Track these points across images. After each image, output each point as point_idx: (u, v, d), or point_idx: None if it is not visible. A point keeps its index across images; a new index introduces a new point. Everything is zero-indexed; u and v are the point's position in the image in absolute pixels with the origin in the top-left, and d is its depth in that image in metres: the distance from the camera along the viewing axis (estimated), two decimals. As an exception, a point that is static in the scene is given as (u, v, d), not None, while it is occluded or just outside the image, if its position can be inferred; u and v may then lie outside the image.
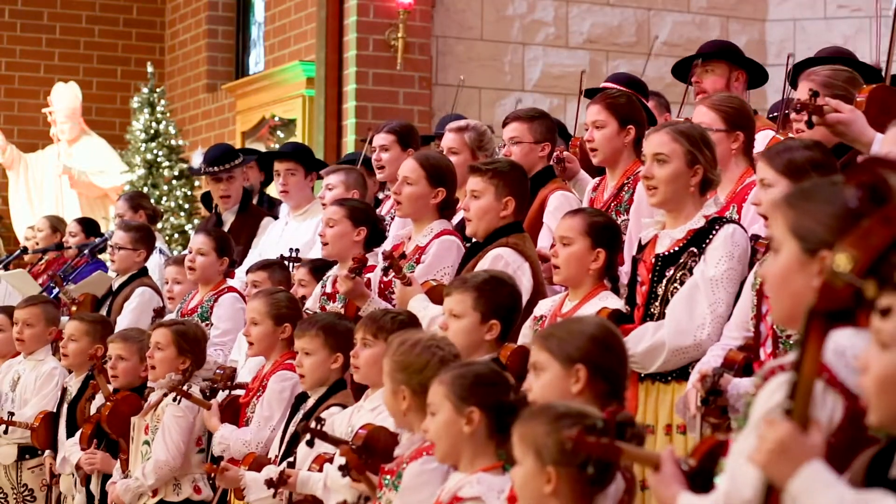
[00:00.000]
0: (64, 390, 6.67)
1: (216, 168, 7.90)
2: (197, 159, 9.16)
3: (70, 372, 6.72)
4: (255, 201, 8.45)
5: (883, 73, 5.34)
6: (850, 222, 2.33)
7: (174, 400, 5.54)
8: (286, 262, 6.44)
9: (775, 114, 6.33)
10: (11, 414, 6.74)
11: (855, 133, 4.37)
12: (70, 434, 6.43)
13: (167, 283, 6.98)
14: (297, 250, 6.60)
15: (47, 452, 6.68)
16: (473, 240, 5.16)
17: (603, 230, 4.54)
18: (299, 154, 7.45)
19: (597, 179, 5.62)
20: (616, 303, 4.46)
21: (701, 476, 2.59)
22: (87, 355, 6.41)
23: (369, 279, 5.35)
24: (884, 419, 2.15)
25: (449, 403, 3.54)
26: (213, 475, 5.10)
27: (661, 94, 7.66)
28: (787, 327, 3.75)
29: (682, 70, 6.39)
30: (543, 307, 4.69)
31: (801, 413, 2.26)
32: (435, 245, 5.30)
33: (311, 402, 4.95)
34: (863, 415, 2.22)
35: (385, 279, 5.32)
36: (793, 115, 4.69)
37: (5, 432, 6.74)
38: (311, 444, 4.33)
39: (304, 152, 7.58)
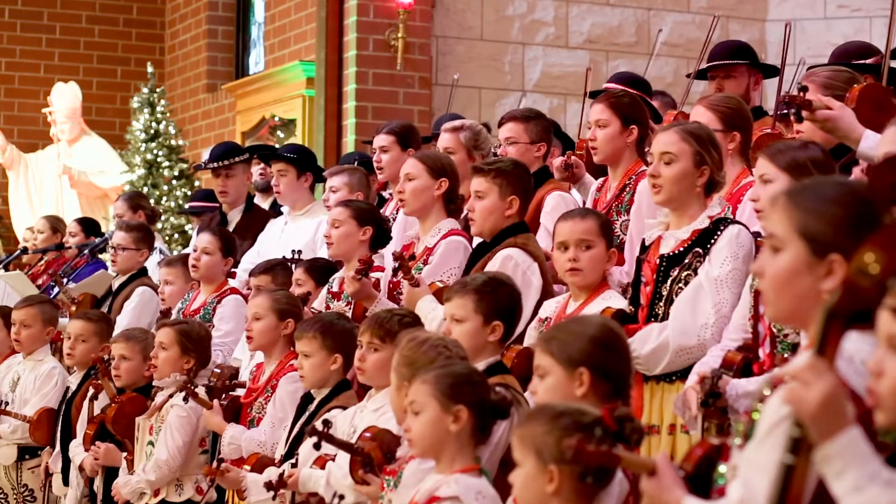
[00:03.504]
0: (66, 389, 6.66)
1: (216, 164, 7.90)
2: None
3: (71, 371, 6.71)
4: (267, 201, 8.47)
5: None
6: (863, 226, 2.30)
7: (184, 399, 5.53)
8: (289, 264, 6.42)
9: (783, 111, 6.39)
10: (6, 403, 6.73)
11: (844, 130, 4.33)
12: (64, 431, 6.42)
13: (159, 284, 6.97)
14: (300, 252, 6.58)
15: (46, 449, 6.66)
16: (478, 240, 5.16)
17: (605, 226, 4.61)
18: (290, 154, 7.38)
19: (600, 180, 5.61)
20: (620, 302, 4.45)
21: (696, 481, 2.58)
22: (92, 355, 6.39)
23: (377, 280, 5.34)
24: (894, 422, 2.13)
25: (435, 402, 3.56)
26: (212, 477, 5.07)
27: (666, 92, 7.67)
28: (784, 325, 3.74)
29: (702, 74, 6.49)
30: (549, 308, 4.69)
31: None
32: (442, 246, 5.30)
33: (315, 404, 4.93)
34: (874, 421, 2.18)
35: (394, 280, 5.31)
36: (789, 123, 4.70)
37: None
38: (317, 446, 4.31)
39: (300, 153, 7.48)
